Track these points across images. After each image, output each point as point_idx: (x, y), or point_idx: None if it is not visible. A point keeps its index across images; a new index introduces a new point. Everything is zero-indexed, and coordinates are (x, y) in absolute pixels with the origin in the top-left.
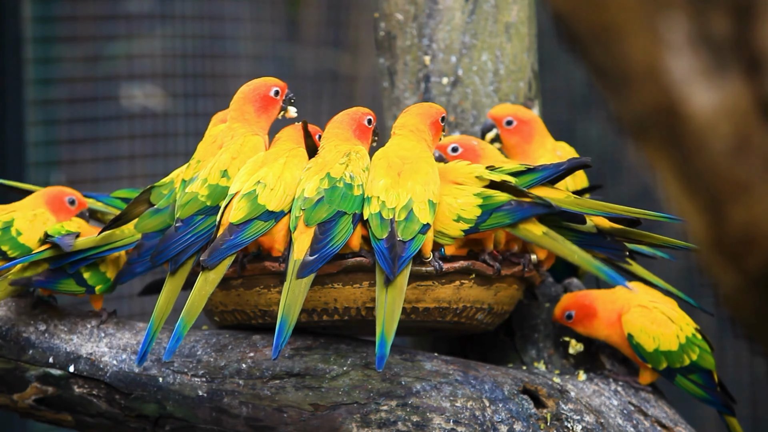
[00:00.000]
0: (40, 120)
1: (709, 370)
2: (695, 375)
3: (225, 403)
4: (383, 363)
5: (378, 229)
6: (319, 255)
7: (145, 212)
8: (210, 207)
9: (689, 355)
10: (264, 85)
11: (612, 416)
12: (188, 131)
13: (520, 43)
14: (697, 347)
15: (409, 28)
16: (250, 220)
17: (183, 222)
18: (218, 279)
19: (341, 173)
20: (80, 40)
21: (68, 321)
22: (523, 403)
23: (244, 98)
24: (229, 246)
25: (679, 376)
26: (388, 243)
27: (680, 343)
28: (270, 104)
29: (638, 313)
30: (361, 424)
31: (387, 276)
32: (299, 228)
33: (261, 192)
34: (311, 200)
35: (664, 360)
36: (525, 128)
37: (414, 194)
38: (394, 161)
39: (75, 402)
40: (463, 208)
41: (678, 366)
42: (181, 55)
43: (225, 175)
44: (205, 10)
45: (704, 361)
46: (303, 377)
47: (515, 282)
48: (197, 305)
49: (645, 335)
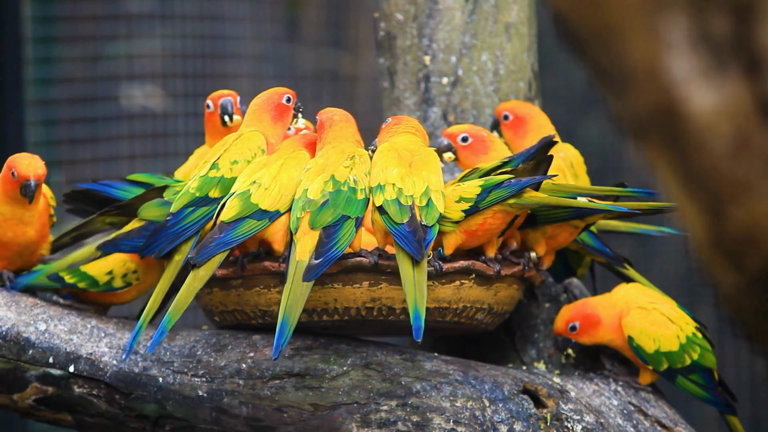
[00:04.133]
0: (40, 120)
1: (710, 369)
2: (696, 375)
3: (225, 403)
4: (420, 334)
5: (397, 214)
6: (324, 258)
7: (154, 200)
8: (199, 198)
9: (690, 354)
10: (276, 94)
11: (612, 416)
12: (188, 131)
13: (520, 43)
14: (698, 346)
15: (409, 28)
16: (242, 219)
17: (173, 215)
18: (207, 276)
19: (345, 176)
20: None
21: (68, 321)
22: (523, 403)
23: (259, 108)
24: (217, 243)
25: (680, 377)
26: (410, 227)
27: (681, 343)
28: (284, 111)
29: (638, 315)
30: (361, 424)
31: (414, 258)
32: (302, 229)
33: (255, 191)
34: (316, 203)
35: (665, 361)
36: (519, 124)
37: (430, 183)
38: (404, 153)
39: (75, 402)
40: (465, 189)
41: (679, 366)
42: (181, 55)
43: (215, 167)
44: (205, 10)
45: (705, 360)
46: (303, 377)
47: (515, 282)
48: (184, 301)
49: (645, 337)
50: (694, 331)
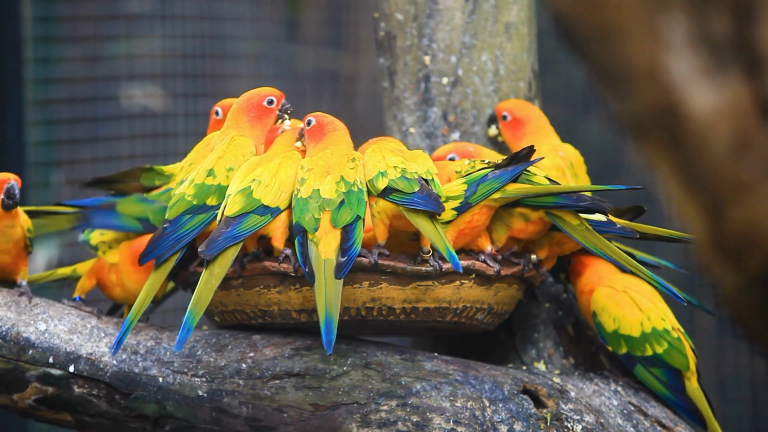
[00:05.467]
0: (40, 120)
1: (677, 371)
2: (658, 370)
3: (225, 403)
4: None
5: (407, 186)
6: (348, 257)
7: (132, 196)
8: (197, 206)
9: (653, 346)
10: (257, 95)
11: (612, 416)
12: (188, 131)
13: (520, 43)
14: (666, 342)
15: (409, 28)
16: (246, 214)
17: (170, 223)
18: (223, 273)
19: (353, 177)
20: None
21: (68, 321)
22: (523, 403)
23: (238, 108)
24: (226, 237)
25: (639, 366)
26: (423, 192)
27: (644, 331)
28: (264, 114)
29: (605, 292)
30: (361, 424)
31: (436, 212)
32: (323, 228)
33: (256, 188)
34: (333, 202)
35: (624, 344)
36: (517, 125)
37: (430, 168)
38: (395, 148)
39: (75, 402)
40: (449, 189)
41: (639, 354)
42: (181, 55)
43: (211, 174)
44: (205, 10)
45: (672, 358)
46: (303, 377)
47: (515, 282)
48: (205, 298)
49: (606, 315)
50: (670, 330)
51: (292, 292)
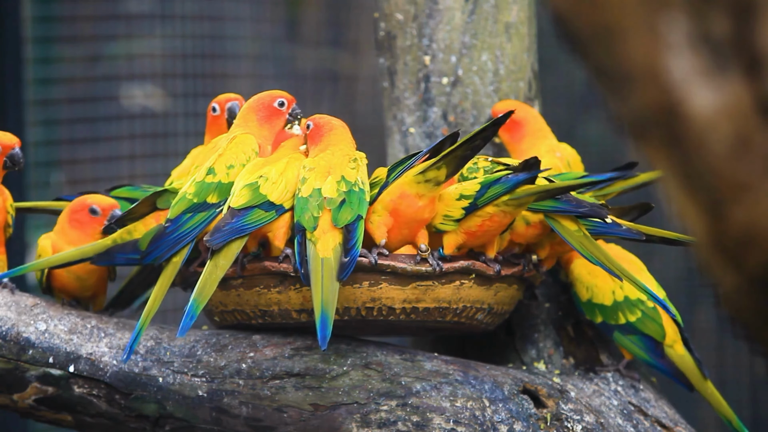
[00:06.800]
0: (40, 120)
1: (652, 338)
2: (634, 336)
3: (225, 403)
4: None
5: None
6: (351, 257)
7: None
8: (197, 204)
9: (626, 314)
10: (269, 96)
11: (612, 416)
12: (188, 131)
13: (520, 43)
14: (639, 311)
15: (409, 28)
16: (251, 207)
17: (171, 222)
18: (228, 265)
19: (355, 177)
20: (80, 40)
21: (68, 321)
22: (523, 403)
23: (249, 107)
24: (231, 228)
25: (617, 332)
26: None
27: (615, 299)
28: (273, 114)
29: (580, 263)
30: (361, 424)
31: None
32: (322, 227)
33: (263, 183)
34: (335, 201)
35: (598, 313)
36: (516, 128)
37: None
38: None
39: (75, 402)
40: (465, 187)
41: (613, 323)
42: (181, 55)
43: (211, 172)
44: (205, 10)
45: (645, 327)
46: (303, 377)
47: (515, 282)
48: (209, 287)
49: (580, 284)
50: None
51: (292, 292)
